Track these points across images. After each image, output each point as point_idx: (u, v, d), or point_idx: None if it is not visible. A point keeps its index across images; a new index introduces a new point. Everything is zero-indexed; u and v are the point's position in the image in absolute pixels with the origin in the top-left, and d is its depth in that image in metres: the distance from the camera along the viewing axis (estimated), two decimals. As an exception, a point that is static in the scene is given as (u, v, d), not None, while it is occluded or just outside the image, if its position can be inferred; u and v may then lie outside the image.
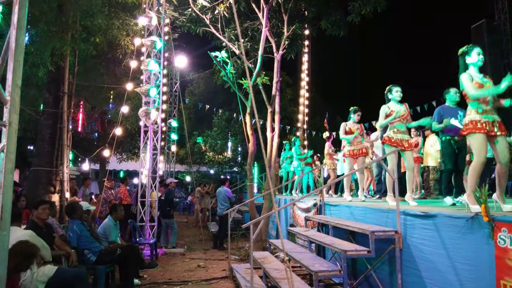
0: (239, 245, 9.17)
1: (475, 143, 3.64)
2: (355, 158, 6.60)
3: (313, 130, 19.22)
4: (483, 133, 3.60)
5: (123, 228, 8.23)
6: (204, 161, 19.85)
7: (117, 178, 12.79)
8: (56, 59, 7.86)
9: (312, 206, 6.79)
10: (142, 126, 8.84)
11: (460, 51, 3.98)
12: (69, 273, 3.99)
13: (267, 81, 9.61)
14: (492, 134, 3.63)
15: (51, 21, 7.33)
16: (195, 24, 9.81)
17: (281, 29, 9.37)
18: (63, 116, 8.30)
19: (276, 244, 6.00)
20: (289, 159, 10.66)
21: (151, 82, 8.63)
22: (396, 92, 5.31)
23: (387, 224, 4.39)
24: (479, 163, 3.60)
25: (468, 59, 3.88)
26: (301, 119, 18.28)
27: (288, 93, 21.22)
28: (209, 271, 6.79)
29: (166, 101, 15.76)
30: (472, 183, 3.60)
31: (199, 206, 13.95)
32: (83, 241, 5.11)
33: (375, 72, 26.47)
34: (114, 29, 8.64)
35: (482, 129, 3.61)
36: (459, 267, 3.29)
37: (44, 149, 8.07)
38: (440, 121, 5.18)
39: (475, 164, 3.62)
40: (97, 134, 16.69)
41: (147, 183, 8.54)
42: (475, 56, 3.84)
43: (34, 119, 10.17)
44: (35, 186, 8.01)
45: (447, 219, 3.48)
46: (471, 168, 3.67)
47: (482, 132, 3.60)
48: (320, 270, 4.03)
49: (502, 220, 2.92)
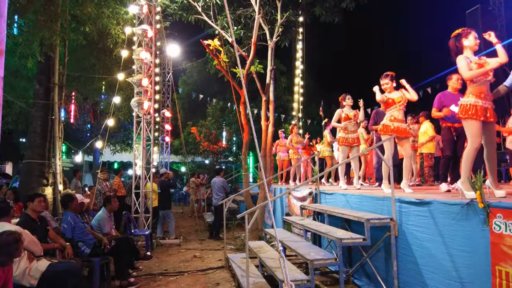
0: (235, 235, 9.18)
1: (471, 129, 3.63)
2: (349, 146, 6.57)
3: (308, 118, 19.17)
4: (479, 120, 3.59)
5: (118, 219, 8.19)
6: (199, 152, 19.80)
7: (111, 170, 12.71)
8: (46, 49, 7.70)
9: (307, 195, 6.78)
10: (135, 117, 8.74)
11: (454, 33, 3.95)
12: (61, 267, 3.95)
13: (261, 70, 9.50)
14: (486, 121, 3.63)
15: (39, 10, 7.16)
16: (187, 11, 9.65)
17: (275, 16, 9.23)
18: (54, 107, 8.18)
19: (272, 234, 5.99)
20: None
21: (143, 72, 8.51)
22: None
23: (382, 211, 4.39)
24: (472, 149, 3.60)
25: (465, 42, 3.84)
26: (296, 108, 18.21)
27: (282, 82, 21.08)
28: (205, 261, 6.79)
29: (159, 91, 15.59)
30: (466, 169, 3.60)
31: (195, 197, 13.94)
32: (77, 233, 5.06)
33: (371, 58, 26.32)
34: (104, 18, 8.46)
35: (480, 115, 3.59)
36: (455, 253, 3.29)
37: (36, 142, 7.97)
38: (440, 108, 5.16)
39: (469, 150, 3.62)
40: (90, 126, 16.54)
41: (141, 174, 8.48)
42: (472, 39, 3.82)
43: (25, 111, 10.03)
44: (28, 178, 7.92)
45: (442, 205, 3.47)
46: (465, 154, 3.68)
47: (480, 119, 3.59)
48: (316, 259, 4.03)
49: (497, 206, 2.91)
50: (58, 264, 4.02)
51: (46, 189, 7.87)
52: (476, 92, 3.69)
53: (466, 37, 3.84)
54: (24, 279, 3.71)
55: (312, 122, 19.40)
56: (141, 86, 8.34)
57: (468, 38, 3.83)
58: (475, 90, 3.71)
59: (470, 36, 3.83)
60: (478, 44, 3.84)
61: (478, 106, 3.62)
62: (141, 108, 8.31)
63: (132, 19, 9.13)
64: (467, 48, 3.84)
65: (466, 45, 3.84)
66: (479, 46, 3.86)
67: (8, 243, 3.19)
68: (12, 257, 3.29)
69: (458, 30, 3.92)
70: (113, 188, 8.81)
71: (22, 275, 3.70)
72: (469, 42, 3.83)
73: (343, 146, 6.54)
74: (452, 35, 3.96)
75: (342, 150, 6.61)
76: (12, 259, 3.32)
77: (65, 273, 3.89)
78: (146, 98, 8.44)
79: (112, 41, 9.22)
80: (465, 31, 3.88)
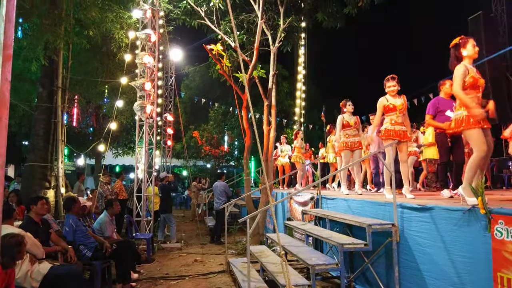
0: (236, 239, 9.17)
1: (474, 138, 3.60)
2: (351, 151, 6.56)
3: (310, 123, 19.18)
4: (479, 128, 3.58)
5: (119, 223, 8.20)
6: (201, 156, 19.81)
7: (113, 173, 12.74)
8: (49, 53, 7.75)
9: (309, 199, 6.78)
10: (137, 120, 8.77)
11: (452, 42, 3.93)
12: (63, 270, 3.96)
13: (263, 74, 9.54)
14: (482, 127, 3.61)
15: (44, 14, 7.22)
16: (190, 16, 9.70)
17: (277, 21, 9.28)
18: (57, 110, 8.21)
19: (273, 238, 5.98)
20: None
21: (146, 76, 8.55)
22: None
23: (384, 217, 4.38)
24: (478, 157, 3.56)
25: (464, 52, 3.82)
26: (297, 113, 18.22)
27: (284, 87, 21.13)
28: (206, 266, 6.78)
29: (162, 95, 15.64)
30: (469, 176, 3.58)
31: (196, 201, 13.94)
32: (79, 236, 5.08)
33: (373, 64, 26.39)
34: (108, 22, 8.51)
35: (477, 123, 3.58)
36: (456, 259, 3.29)
37: (39, 144, 7.99)
38: (435, 114, 5.16)
39: (474, 158, 3.58)
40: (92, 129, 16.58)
41: (143, 177, 8.49)
42: (470, 48, 3.79)
43: (28, 114, 10.07)
44: (30, 181, 7.94)
45: (444, 211, 3.47)
46: (470, 161, 3.63)
47: (478, 127, 3.57)
48: (317, 264, 4.02)
49: (499, 212, 2.91)
50: (60, 267, 4.03)
51: (48, 192, 7.88)
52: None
53: (464, 47, 3.81)
54: (26, 282, 3.72)
55: (314, 127, 19.40)
56: (144, 90, 8.38)
57: (467, 48, 3.80)
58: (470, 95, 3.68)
59: (468, 45, 3.80)
60: (477, 52, 3.82)
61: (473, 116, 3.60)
62: (144, 112, 8.35)
63: (136, 23, 9.19)
64: (466, 58, 3.82)
65: (465, 55, 3.82)
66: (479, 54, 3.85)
67: (11, 245, 3.20)
68: (15, 259, 3.31)
69: (456, 40, 3.89)
70: (115, 191, 8.83)
71: (24, 278, 3.71)
72: (467, 52, 3.80)
73: (345, 150, 6.53)
74: (451, 45, 3.94)
75: (344, 155, 6.59)
76: (15, 261, 3.33)
77: (67, 276, 3.90)
78: (149, 102, 8.47)
79: (115, 45, 9.28)
80: (463, 40, 3.84)
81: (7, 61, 2.45)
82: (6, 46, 2.45)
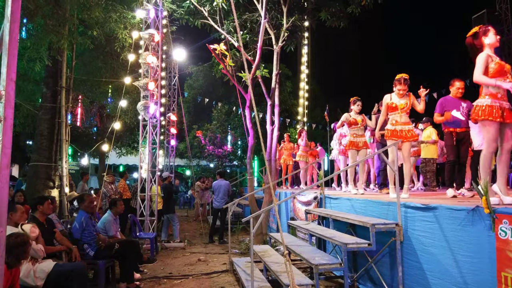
0: (239, 238, 9.17)
1: (488, 130, 3.50)
2: (357, 150, 6.54)
3: (313, 122, 19.15)
4: (497, 122, 3.46)
5: (123, 222, 8.22)
6: (204, 155, 19.83)
7: (116, 173, 12.77)
8: (53, 53, 7.80)
9: (312, 199, 6.78)
10: (141, 120, 8.80)
11: (471, 31, 3.80)
12: (67, 268, 3.98)
13: (266, 74, 9.54)
14: (503, 121, 3.49)
15: (48, 15, 7.25)
16: (193, 16, 9.70)
17: (281, 20, 9.27)
18: (61, 110, 8.26)
19: (277, 238, 5.99)
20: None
21: (149, 76, 8.57)
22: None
23: (387, 216, 4.37)
24: (488, 153, 3.50)
25: (486, 40, 3.70)
26: (301, 112, 18.21)
27: (288, 86, 21.10)
28: (209, 265, 6.80)
29: (165, 94, 15.66)
30: (486, 174, 3.46)
31: (200, 201, 13.96)
32: (86, 235, 5.09)
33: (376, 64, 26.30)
34: (111, 22, 8.54)
35: (497, 116, 3.45)
36: (460, 259, 3.27)
37: (43, 144, 8.05)
38: (442, 113, 5.16)
39: (484, 154, 3.52)
40: (96, 129, 16.64)
41: (147, 177, 8.52)
42: (492, 36, 3.69)
43: (32, 114, 10.12)
44: (34, 181, 7.99)
45: (448, 211, 3.46)
46: (482, 158, 3.55)
47: (497, 120, 3.45)
48: (321, 263, 4.02)
49: (503, 212, 2.89)
50: (64, 264, 4.05)
51: (53, 192, 7.94)
52: (492, 93, 3.56)
53: (486, 35, 3.69)
54: (30, 280, 3.74)
55: (317, 126, 19.39)
56: (147, 89, 8.40)
57: (488, 36, 3.68)
58: (492, 91, 3.57)
59: (490, 33, 3.68)
60: (498, 40, 3.71)
61: (495, 107, 3.48)
62: (147, 112, 8.37)
63: (139, 23, 9.21)
64: (487, 46, 3.70)
65: (487, 43, 3.69)
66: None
67: (15, 245, 3.22)
68: (20, 259, 3.32)
69: (475, 28, 3.78)
70: (118, 191, 8.86)
71: (27, 276, 3.73)
72: (489, 40, 3.68)
73: (352, 150, 6.51)
74: (469, 34, 3.82)
75: (351, 155, 6.57)
76: (20, 261, 3.35)
77: (71, 273, 3.92)
78: (152, 102, 8.49)
79: (119, 45, 9.31)
80: (483, 28, 3.74)
81: (12, 61, 2.47)
82: (11, 46, 2.47)
